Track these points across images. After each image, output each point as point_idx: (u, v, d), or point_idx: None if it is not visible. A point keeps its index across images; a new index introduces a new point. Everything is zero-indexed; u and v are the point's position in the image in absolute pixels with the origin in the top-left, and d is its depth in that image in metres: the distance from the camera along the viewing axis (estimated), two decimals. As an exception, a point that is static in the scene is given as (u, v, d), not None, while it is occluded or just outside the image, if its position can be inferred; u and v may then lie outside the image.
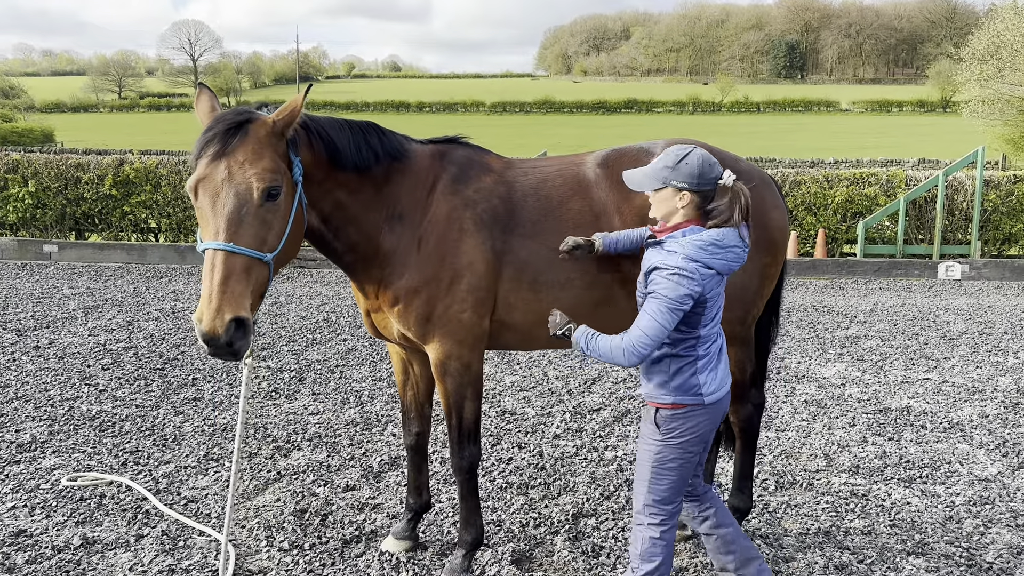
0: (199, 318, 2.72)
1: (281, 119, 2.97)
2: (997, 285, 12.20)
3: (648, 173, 3.01)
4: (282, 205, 2.94)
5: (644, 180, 3.02)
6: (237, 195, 2.81)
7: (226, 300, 2.72)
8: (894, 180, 13.60)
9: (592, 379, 7.00)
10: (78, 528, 4.21)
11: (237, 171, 2.83)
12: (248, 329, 2.77)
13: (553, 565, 3.91)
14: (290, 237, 3.00)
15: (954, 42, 52.27)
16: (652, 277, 2.94)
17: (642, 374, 3.16)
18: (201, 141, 2.90)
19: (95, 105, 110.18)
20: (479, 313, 3.46)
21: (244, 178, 2.82)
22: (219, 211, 2.81)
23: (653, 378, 3.10)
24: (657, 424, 3.08)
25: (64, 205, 14.00)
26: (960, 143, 43.61)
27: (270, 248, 2.89)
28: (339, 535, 4.17)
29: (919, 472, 5.04)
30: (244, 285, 2.78)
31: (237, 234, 2.80)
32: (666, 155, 2.99)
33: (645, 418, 3.17)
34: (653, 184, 2.99)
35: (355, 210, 3.36)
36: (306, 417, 5.97)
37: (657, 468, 3.09)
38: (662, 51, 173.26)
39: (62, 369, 7.05)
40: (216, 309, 2.71)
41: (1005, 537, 4.22)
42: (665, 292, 2.88)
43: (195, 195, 2.87)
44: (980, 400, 6.48)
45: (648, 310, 2.91)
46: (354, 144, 3.32)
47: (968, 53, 35.14)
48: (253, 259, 2.82)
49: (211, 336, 2.70)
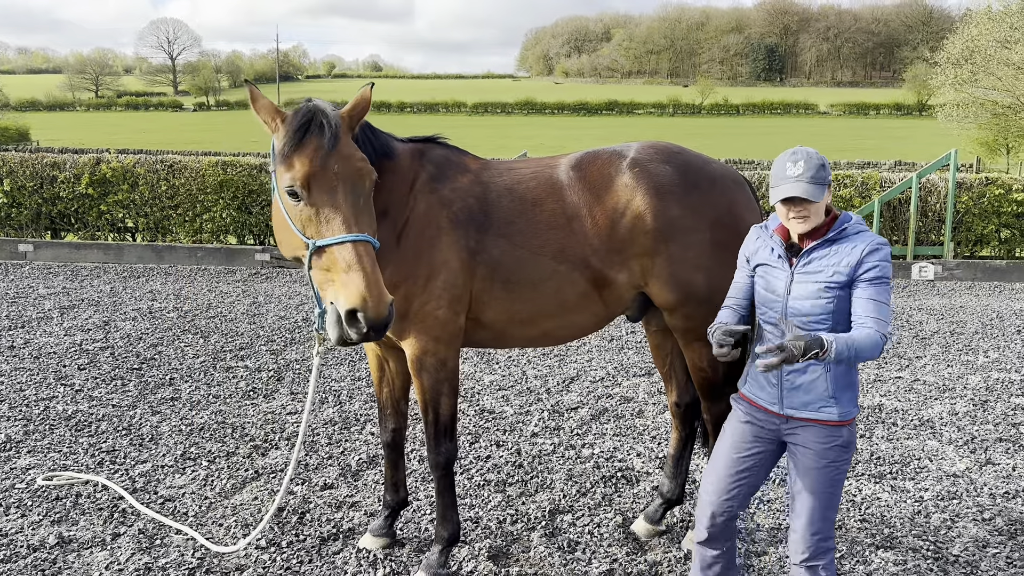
0: (362, 305, 2.78)
1: (355, 113, 3.13)
2: (969, 285, 12.39)
3: (814, 178, 2.77)
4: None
5: (815, 190, 2.77)
6: (354, 188, 2.97)
7: (381, 288, 2.85)
8: (869, 182, 13.77)
9: (571, 378, 7.06)
10: (54, 527, 4.20)
11: (347, 165, 2.96)
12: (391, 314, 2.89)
13: (530, 560, 3.95)
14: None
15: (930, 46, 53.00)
16: (873, 262, 2.74)
17: (832, 389, 2.84)
18: (297, 137, 2.98)
19: (71, 104, 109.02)
20: (454, 310, 3.50)
21: (356, 170, 2.98)
22: (342, 204, 2.92)
23: (847, 390, 2.87)
24: (850, 441, 2.88)
25: (39, 204, 13.86)
26: (936, 146, 44.20)
27: (375, 234, 3.05)
28: (317, 533, 4.19)
29: (889, 468, 5.14)
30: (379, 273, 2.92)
31: (363, 223, 2.95)
32: (808, 158, 2.80)
33: (823, 449, 2.86)
34: (824, 190, 2.78)
35: None
36: (284, 416, 5.97)
37: (841, 488, 2.91)
38: (643, 53, 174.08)
39: (37, 369, 7.00)
40: (379, 295, 2.82)
41: (971, 531, 4.31)
42: (887, 272, 2.76)
43: (307, 189, 2.94)
44: (950, 398, 6.60)
45: (879, 296, 2.73)
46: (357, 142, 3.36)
47: (943, 57, 35.62)
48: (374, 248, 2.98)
49: (379, 321, 2.81)
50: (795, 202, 2.81)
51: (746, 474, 3.02)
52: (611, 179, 3.62)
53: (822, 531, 2.88)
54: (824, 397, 2.84)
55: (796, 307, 2.85)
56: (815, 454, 2.86)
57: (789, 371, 2.87)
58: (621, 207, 3.56)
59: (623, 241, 3.56)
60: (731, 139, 63.65)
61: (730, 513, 3.04)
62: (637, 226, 3.54)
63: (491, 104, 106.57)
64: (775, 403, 2.93)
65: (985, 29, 32.76)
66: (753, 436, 3.01)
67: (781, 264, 2.91)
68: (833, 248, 2.82)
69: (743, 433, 3.03)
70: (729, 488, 3.02)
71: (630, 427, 5.87)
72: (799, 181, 2.77)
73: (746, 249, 3.10)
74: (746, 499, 3.06)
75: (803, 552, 2.89)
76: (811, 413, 2.86)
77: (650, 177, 3.59)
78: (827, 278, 2.80)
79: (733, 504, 3.03)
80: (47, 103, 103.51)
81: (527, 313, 3.61)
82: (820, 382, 2.84)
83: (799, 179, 2.77)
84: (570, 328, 3.77)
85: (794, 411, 2.89)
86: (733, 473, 3.02)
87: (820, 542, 2.88)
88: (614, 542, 4.15)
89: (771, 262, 2.95)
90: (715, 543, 3.08)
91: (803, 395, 2.86)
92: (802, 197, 2.76)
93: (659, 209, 3.53)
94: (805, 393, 2.86)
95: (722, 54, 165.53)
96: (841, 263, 2.78)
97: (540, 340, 3.84)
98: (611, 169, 3.65)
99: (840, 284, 2.79)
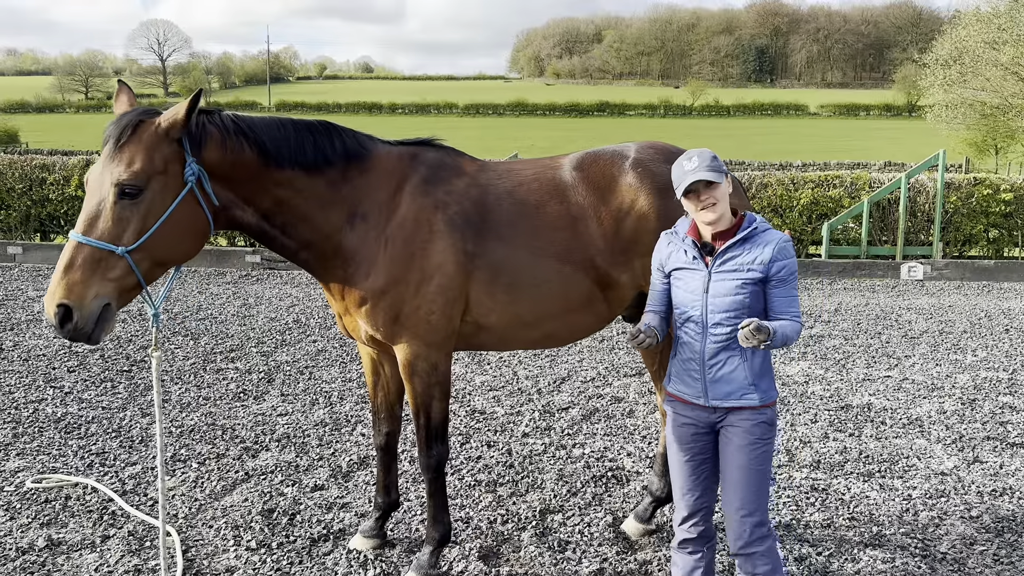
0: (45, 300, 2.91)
1: (166, 123, 3.04)
2: (957, 285, 12.47)
3: (714, 168, 2.92)
4: (147, 203, 2.99)
5: (718, 175, 2.93)
6: (96, 190, 2.98)
7: (59, 287, 2.87)
8: (859, 182, 13.84)
9: (561, 378, 7.07)
10: (43, 530, 4.18)
11: (105, 169, 2.97)
12: (71, 316, 2.87)
13: (520, 560, 3.96)
14: (163, 233, 3.03)
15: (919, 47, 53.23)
16: (784, 262, 2.94)
17: (751, 377, 2.98)
18: (104, 139, 3.05)
19: (61, 105, 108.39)
20: (448, 315, 3.50)
21: (108, 176, 2.96)
22: (85, 204, 2.99)
23: (764, 376, 3.01)
24: (772, 420, 3.02)
25: (29, 206, 13.80)
26: (925, 147, 44.36)
27: (125, 243, 2.96)
28: (307, 534, 4.19)
29: (878, 467, 5.17)
30: (86, 275, 2.89)
31: (90, 227, 2.93)
32: (701, 153, 2.97)
33: (750, 425, 2.98)
34: (723, 176, 2.94)
35: (306, 208, 3.37)
36: (275, 418, 5.96)
37: (769, 469, 3.02)
38: (634, 54, 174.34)
39: (27, 371, 6.97)
40: (50, 294, 2.89)
41: (959, 528, 4.34)
42: (795, 267, 2.97)
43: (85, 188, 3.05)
44: (939, 397, 6.64)
45: (792, 293, 2.96)
46: (295, 143, 3.34)
47: (932, 58, 35.84)
48: (103, 251, 2.92)
49: (48, 319, 2.88)
50: (700, 191, 2.93)
51: (701, 470, 3.12)
52: (615, 179, 3.64)
53: (755, 513, 2.96)
54: (745, 385, 2.97)
55: (716, 304, 2.97)
56: (743, 431, 2.99)
57: (711, 364, 3.00)
58: (626, 207, 3.58)
59: (628, 241, 3.58)
60: (722, 140, 63.84)
61: (703, 509, 3.13)
62: (641, 226, 3.56)
63: (482, 105, 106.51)
64: (700, 396, 3.04)
65: (973, 30, 32.97)
66: (691, 436, 3.11)
67: (697, 265, 3.03)
68: (746, 247, 2.97)
69: (682, 436, 3.13)
70: (694, 487, 3.13)
71: (620, 427, 5.88)
72: (698, 171, 2.92)
73: (659, 255, 3.19)
74: (712, 492, 3.15)
75: (739, 538, 2.98)
76: (735, 401, 2.99)
77: (653, 177, 3.62)
78: (743, 276, 2.95)
79: (702, 500, 3.13)
80: (36, 105, 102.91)
81: (531, 316, 3.61)
82: (739, 372, 2.97)
83: (696, 169, 2.93)
84: (574, 330, 3.78)
85: (719, 401, 3.01)
86: (688, 473, 3.13)
87: (756, 527, 2.95)
88: (604, 541, 4.16)
89: (687, 265, 3.06)
90: (695, 544, 3.14)
91: (725, 386, 2.99)
92: (707, 179, 2.91)
93: (663, 208, 3.57)
94: (727, 384, 2.98)
95: (713, 55, 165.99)
96: (755, 261, 2.94)
97: (543, 342, 3.86)
98: (614, 169, 3.67)
99: (755, 280, 2.94)
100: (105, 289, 2.93)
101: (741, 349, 2.95)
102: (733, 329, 2.93)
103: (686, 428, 3.12)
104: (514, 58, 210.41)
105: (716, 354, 2.99)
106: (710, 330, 2.99)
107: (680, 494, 3.16)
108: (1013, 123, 32.27)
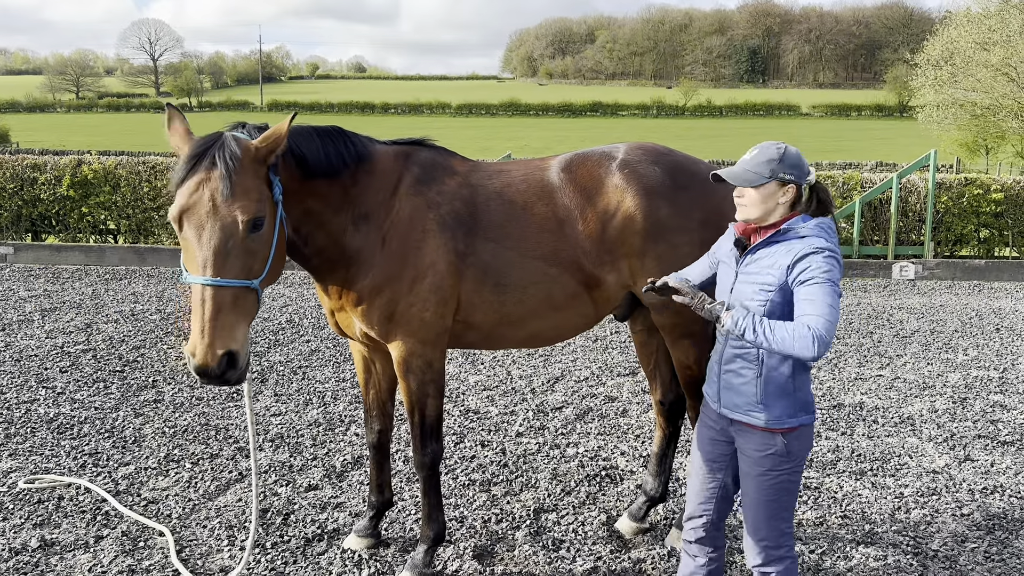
0: (192, 352, 2.77)
1: (265, 146, 2.98)
2: (949, 285, 12.53)
3: (750, 167, 2.76)
4: (266, 231, 2.96)
5: (746, 176, 2.77)
6: (223, 228, 2.82)
7: (218, 335, 2.77)
8: (850, 183, 13.90)
9: (555, 378, 7.08)
10: (36, 530, 4.17)
11: (222, 203, 2.82)
12: (237, 360, 2.81)
13: (514, 559, 3.97)
14: (275, 257, 3.03)
15: (911, 48, 53.41)
16: (806, 264, 2.65)
17: (760, 395, 2.78)
18: (184, 168, 2.89)
19: (52, 105, 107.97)
20: (441, 313, 3.51)
21: (229, 211, 2.82)
22: (205, 244, 2.81)
23: (782, 399, 2.77)
24: (789, 452, 2.79)
25: (20, 206, 13.74)
26: (917, 147, 44.60)
27: (256, 275, 2.93)
28: (301, 534, 4.19)
29: (870, 465, 5.19)
30: (234, 316, 2.83)
31: (224, 267, 2.82)
32: (763, 149, 2.79)
33: (758, 456, 2.82)
34: (757, 179, 2.75)
35: (324, 215, 3.38)
36: (268, 418, 5.96)
37: (789, 497, 2.84)
38: (626, 55, 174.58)
39: (19, 372, 6.94)
40: (208, 344, 2.75)
41: (950, 526, 4.37)
42: (828, 275, 2.61)
43: (179, 225, 2.87)
44: (930, 396, 6.68)
45: (816, 296, 2.58)
46: (323, 152, 3.34)
47: (923, 59, 35.98)
48: (241, 289, 2.86)
49: (204, 369, 2.75)
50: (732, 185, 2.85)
51: (712, 478, 3.02)
52: (601, 180, 3.65)
53: (768, 539, 2.86)
54: (752, 402, 2.80)
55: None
56: (752, 460, 2.84)
57: (726, 370, 2.87)
58: (612, 208, 3.58)
59: (614, 242, 3.59)
60: (715, 140, 63.99)
61: (707, 516, 3.05)
62: (628, 227, 3.57)
63: (475, 105, 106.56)
64: (715, 400, 2.95)
65: (964, 31, 33.14)
66: (709, 440, 3.01)
67: (731, 261, 2.92)
68: (772, 249, 2.77)
69: (701, 437, 3.04)
70: (703, 491, 3.04)
71: (614, 426, 5.90)
72: (738, 166, 2.81)
73: (718, 243, 3.12)
74: (722, 502, 3.06)
75: (755, 557, 2.90)
76: (740, 415, 2.84)
77: (640, 178, 3.62)
78: (761, 280, 2.75)
79: (707, 507, 3.04)
80: (27, 104, 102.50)
81: (518, 315, 3.62)
82: (750, 386, 2.80)
83: (737, 164, 2.82)
84: (560, 329, 3.79)
85: (727, 411, 2.88)
86: (701, 476, 3.04)
87: (769, 549, 2.86)
88: (598, 540, 4.17)
89: (725, 258, 2.97)
90: (700, 547, 3.09)
91: (734, 396, 2.85)
92: (722, 177, 2.82)
93: (649, 209, 3.56)
94: (737, 395, 2.84)
95: (705, 56, 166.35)
96: (774, 265, 2.73)
97: (530, 341, 3.86)
98: (601, 171, 3.67)
99: (772, 286, 2.71)
100: (248, 325, 2.90)
101: (759, 361, 2.78)
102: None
103: (707, 430, 3.02)
104: (507, 58, 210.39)
105: (732, 360, 2.86)
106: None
107: (690, 492, 3.10)
108: (1003, 123, 32.45)
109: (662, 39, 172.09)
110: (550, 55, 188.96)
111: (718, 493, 3.03)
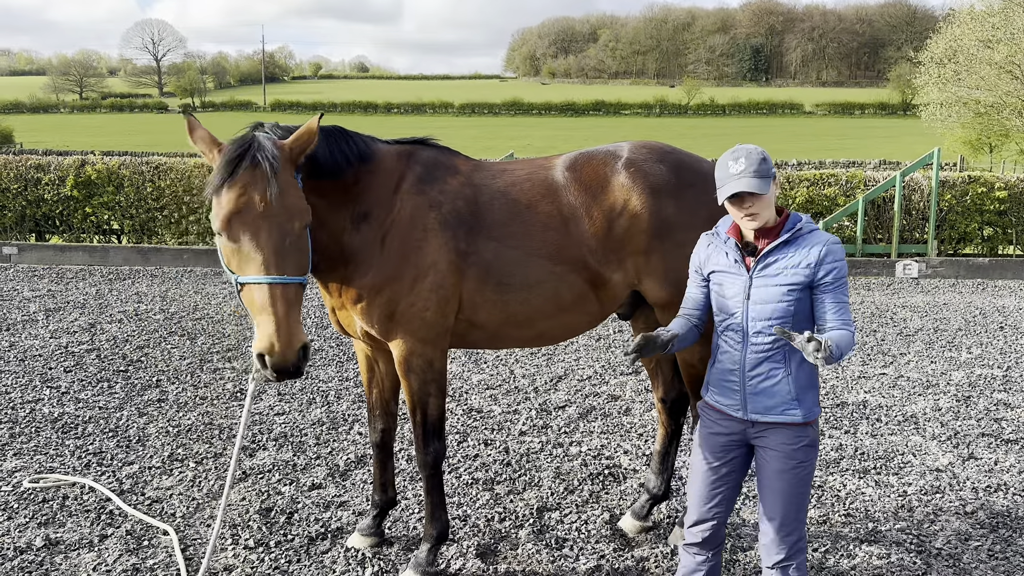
0: (268, 350, 2.82)
1: (297, 146, 3.05)
2: (952, 283, 12.51)
3: (759, 174, 2.75)
4: (308, 228, 3.08)
5: (762, 183, 2.75)
6: (280, 227, 2.91)
7: (294, 330, 2.86)
8: (853, 181, 13.88)
9: (558, 377, 7.08)
10: (41, 529, 4.18)
11: (275, 203, 2.90)
12: (308, 352, 2.93)
13: (517, 558, 3.97)
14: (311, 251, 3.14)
15: (914, 46, 53.30)
16: (830, 265, 2.75)
17: (795, 391, 2.81)
18: (223, 172, 2.91)
19: (55, 105, 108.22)
20: (442, 312, 3.51)
21: (284, 210, 2.92)
22: (264, 244, 2.89)
23: (810, 391, 2.84)
24: (813, 442, 2.84)
25: (24, 207, 13.78)
26: (920, 145, 44.52)
27: (306, 270, 3.05)
28: (305, 532, 4.20)
29: (874, 463, 5.19)
30: (297, 311, 2.94)
31: (286, 265, 2.91)
32: (748, 154, 2.79)
33: (791, 450, 2.83)
34: (769, 183, 2.76)
35: (324, 214, 3.39)
36: (272, 417, 5.97)
37: (809, 487, 2.88)
38: (629, 53, 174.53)
39: (23, 371, 6.96)
40: (287, 341, 2.84)
41: (954, 524, 4.37)
42: (844, 272, 2.77)
43: (227, 228, 2.90)
44: (934, 394, 6.67)
45: (841, 297, 2.77)
46: (328, 152, 3.36)
47: (926, 57, 35.89)
48: (299, 285, 2.97)
49: (285, 365, 2.84)
50: (743, 199, 2.78)
51: (724, 480, 3.01)
52: (607, 179, 3.65)
53: (796, 531, 2.87)
54: (788, 400, 2.81)
55: (758, 311, 2.82)
56: (784, 456, 2.83)
57: (751, 376, 2.84)
58: (618, 207, 3.59)
59: (620, 240, 3.59)
60: (718, 139, 63.87)
61: (717, 519, 3.04)
62: (634, 225, 3.57)
63: (478, 105, 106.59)
64: (739, 409, 2.89)
65: (968, 29, 33.03)
66: (722, 445, 2.97)
67: (737, 269, 2.87)
68: (790, 250, 2.79)
69: (713, 444, 3.00)
70: (711, 496, 3.02)
71: (617, 425, 5.90)
72: (743, 176, 2.74)
73: (697, 257, 3.05)
74: (730, 503, 3.05)
75: (778, 554, 2.88)
76: (775, 416, 2.83)
77: (645, 176, 3.62)
78: (788, 280, 2.77)
79: (717, 510, 3.02)
80: (31, 105, 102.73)
81: (523, 315, 3.62)
82: (783, 385, 2.81)
83: (742, 175, 2.75)
84: (566, 328, 3.79)
85: (758, 416, 2.85)
86: (711, 481, 3.01)
87: (796, 543, 2.88)
88: (601, 538, 4.17)
89: (727, 268, 2.91)
90: (703, 548, 3.08)
91: (766, 399, 2.83)
92: (748, 191, 2.74)
93: (655, 207, 3.57)
94: (768, 397, 2.83)
95: (708, 54, 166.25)
96: (800, 264, 2.77)
97: (536, 341, 3.87)
98: (607, 169, 3.68)
99: (801, 285, 2.77)
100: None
101: (786, 360, 2.80)
102: (776, 338, 2.77)
103: (718, 438, 2.98)
104: (510, 57, 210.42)
105: (757, 365, 2.83)
106: (751, 339, 2.82)
107: (694, 499, 3.04)
108: (1007, 121, 32.35)
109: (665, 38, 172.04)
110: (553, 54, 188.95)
111: (727, 494, 3.02)
